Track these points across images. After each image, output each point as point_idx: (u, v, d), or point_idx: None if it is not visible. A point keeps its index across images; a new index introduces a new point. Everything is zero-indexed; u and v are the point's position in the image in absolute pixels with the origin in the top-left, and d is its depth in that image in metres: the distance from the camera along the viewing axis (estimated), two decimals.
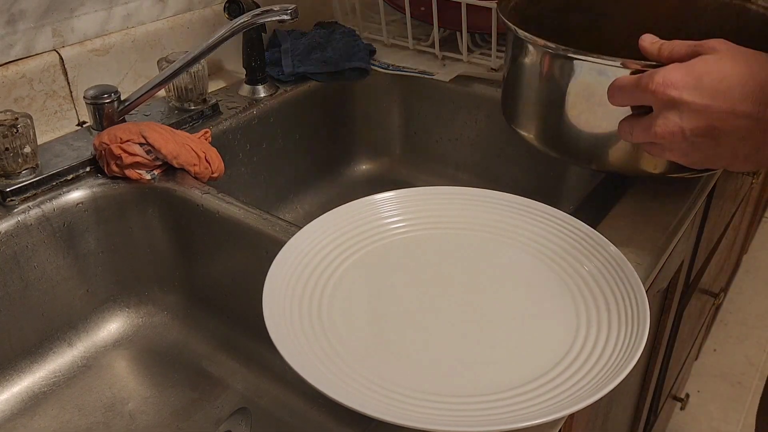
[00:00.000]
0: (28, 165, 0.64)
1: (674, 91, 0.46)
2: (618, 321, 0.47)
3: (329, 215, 0.57)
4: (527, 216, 0.57)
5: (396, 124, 0.97)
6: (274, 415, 0.62)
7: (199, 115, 0.77)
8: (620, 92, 0.51)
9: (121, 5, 0.79)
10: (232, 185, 0.81)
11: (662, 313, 0.87)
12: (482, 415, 0.40)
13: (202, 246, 0.67)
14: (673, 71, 0.47)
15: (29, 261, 0.63)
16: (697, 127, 0.46)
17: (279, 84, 0.86)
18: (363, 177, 0.99)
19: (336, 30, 0.94)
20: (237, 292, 0.67)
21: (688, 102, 0.46)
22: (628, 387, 0.87)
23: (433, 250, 0.55)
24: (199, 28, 0.87)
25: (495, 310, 0.49)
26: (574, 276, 0.52)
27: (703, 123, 0.46)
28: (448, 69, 0.89)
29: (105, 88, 0.70)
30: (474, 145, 0.91)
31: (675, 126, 0.47)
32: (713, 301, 1.24)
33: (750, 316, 1.75)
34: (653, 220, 0.59)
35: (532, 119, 0.65)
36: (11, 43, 0.70)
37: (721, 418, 1.47)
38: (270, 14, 0.68)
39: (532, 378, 0.43)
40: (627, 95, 0.50)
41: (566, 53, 0.57)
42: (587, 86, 0.57)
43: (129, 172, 0.66)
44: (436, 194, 0.60)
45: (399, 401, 0.41)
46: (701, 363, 1.60)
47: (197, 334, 0.70)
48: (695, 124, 0.46)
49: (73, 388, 0.65)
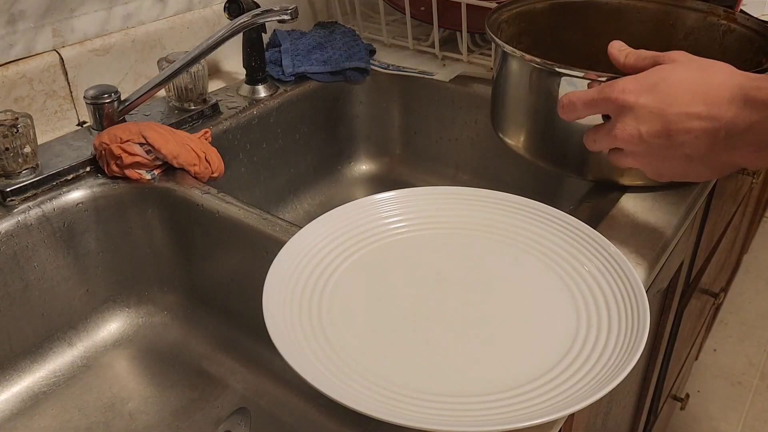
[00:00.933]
0: (28, 165, 0.64)
1: (630, 96, 0.50)
2: (618, 321, 0.47)
3: (329, 215, 0.57)
4: (527, 216, 0.57)
5: (396, 124, 0.97)
6: (273, 415, 0.62)
7: (199, 115, 0.77)
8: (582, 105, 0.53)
9: (121, 5, 0.79)
10: (232, 185, 0.81)
11: (662, 313, 0.87)
12: (482, 415, 0.40)
13: (202, 246, 0.67)
14: (630, 80, 0.51)
15: (29, 261, 0.63)
16: (653, 129, 0.49)
17: (279, 84, 0.86)
18: (363, 177, 0.99)
19: (336, 30, 0.94)
20: (237, 292, 0.67)
21: (642, 105, 0.49)
22: (628, 387, 0.87)
23: (433, 250, 0.55)
24: (199, 28, 0.87)
25: (495, 310, 0.49)
26: (574, 276, 0.52)
27: (658, 125, 0.49)
28: (448, 69, 0.89)
29: (105, 88, 0.70)
30: (474, 145, 0.91)
31: (633, 129, 0.50)
32: (713, 301, 1.24)
33: (750, 316, 1.75)
34: (653, 220, 0.59)
35: (518, 130, 0.67)
36: (11, 43, 0.70)
37: (721, 418, 1.47)
38: (270, 14, 0.68)
39: (532, 378, 0.43)
40: (587, 107, 0.53)
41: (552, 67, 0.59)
42: None
43: (129, 172, 0.66)
44: (436, 194, 0.60)
45: (399, 401, 0.41)
46: (701, 363, 1.60)
47: (197, 334, 0.70)
48: (651, 127, 0.49)
49: (73, 388, 0.65)
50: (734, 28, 0.68)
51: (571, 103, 0.54)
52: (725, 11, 0.69)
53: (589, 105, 0.53)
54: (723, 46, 0.69)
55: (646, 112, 0.49)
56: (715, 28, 0.70)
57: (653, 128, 0.49)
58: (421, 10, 0.91)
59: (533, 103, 0.64)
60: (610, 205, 0.61)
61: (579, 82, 0.58)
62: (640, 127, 0.50)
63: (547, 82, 0.61)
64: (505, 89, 0.67)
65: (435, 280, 0.52)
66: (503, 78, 0.67)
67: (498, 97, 0.69)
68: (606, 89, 0.51)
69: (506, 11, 0.72)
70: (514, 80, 0.65)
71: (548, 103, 0.61)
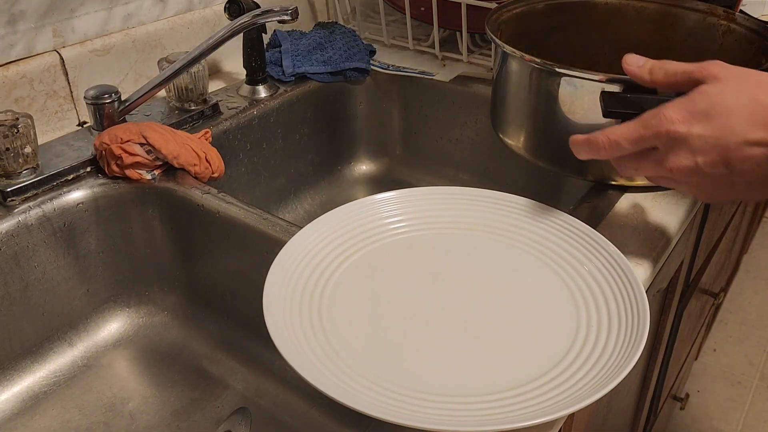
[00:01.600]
0: (29, 165, 0.64)
1: (681, 126, 0.45)
2: (618, 321, 0.47)
3: (329, 215, 0.57)
4: (527, 216, 0.57)
5: (396, 124, 0.97)
6: (274, 415, 0.62)
7: (199, 115, 0.77)
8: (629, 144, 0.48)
9: (121, 5, 0.79)
10: (232, 185, 0.81)
11: (662, 313, 0.87)
12: (482, 415, 0.40)
13: (203, 246, 0.67)
14: (675, 108, 0.46)
15: (30, 261, 0.63)
16: (711, 159, 0.45)
17: (279, 84, 0.86)
18: (363, 177, 0.99)
19: (336, 30, 0.94)
20: (237, 292, 0.67)
21: (698, 135, 0.45)
22: (628, 387, 0.87)
23: (433, 250, 0.55)
24: (199, 28, 0.87)
25: (495, 309, 0.49)
26: (574, 276, 0.52)
27: (716, 155, 0.45)
28: (448, 69, 0.89)
29: (105, 88, 0.70)
30: (474, 145, 0.91)
31: (689, 161, 0.46)
32: (713, 300, 1.24)
33: (750, 316, 1.75)
34: (653, 220, 0.59)
35: (518, 130, 0.67)
36: (12, 43, 0.70)
37: (721, 418, 1.47)
38: (270, 14, 0.69)
39: (532, 378, 0.43)
40: (635, 145, 0.48)
41: (552, 67, 0.59)
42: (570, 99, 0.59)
43: (129, 172, 0.66)
44: (436, 194, 0.60)
45: (399, 401, 0.41)
46: (701, 363, 1.60)
47: (197, 334, 0.70)
48: (709, 157, 0.45)
49: (74, 388, 0.65)
50: (734, 28, 0.68)
51: (616, 144, 0.48)
52: (725, 11, 0.69)
53: (637, 143, 0.47)
54: (723, 47, 0.70)
55: (702, 143, 0.45)
56: (715, 28, 0.70)
57: (711, 159, 0.45)
58: (421, 11, 0.91)
59: (533, 104, 0.64)
60: (610, 205, 0.61)
61: (579, 83, 0.58)
62: (697, 159, 0.45)
63: (547, 82, 0.61)
64: (505, 89, 0.67)
65: (435, 280, 0.52)
66: (503, 78, 0.67)
67: (498, 97, 0.70)
68: (652, 122, 0.46)
69: (506, 11, 0.72)
70: (514, 80, 0.65)
71: (548, 103, 0.61)
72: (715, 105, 0.45)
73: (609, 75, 0.55)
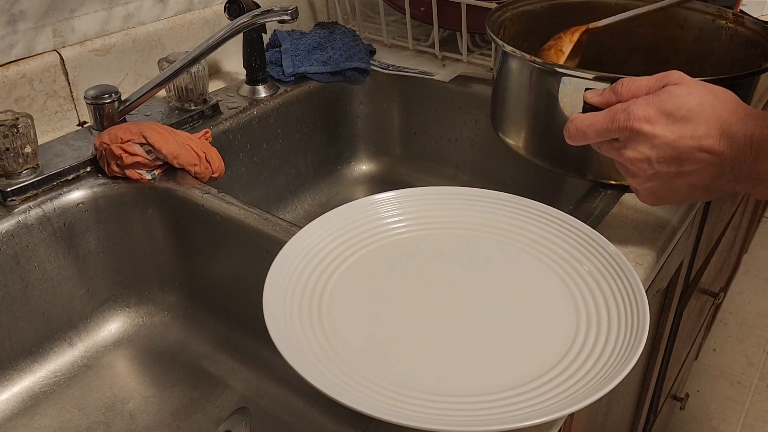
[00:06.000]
0: (29, 165, 0.64)
1: (647, 126, 0.49)
2: (618, 321, 0.47)
3: (329, 215, 0.57)
4: (527, 216, 0.57)
5: (396, 124, 0.97)
6: (274, 415, 0.62)
7: (199, 115, 0.77)
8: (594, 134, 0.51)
9: (121, 5, 0.79)
10: (232, 185, 0.81)
11: (662, 313, 0.87)
12: (482, 415, 0.40)
13: (203, 246, 0.67)
14: (643, 105, 0.49)
15: (30, 261, 0.63)
16: (666, 157, 0.49)
17: (279, 84, 0.86)
18: (363, 177, 0.99)
19: (336, 30, 0.94)
20: (237, 292, 0.67)
21: (660, 136, 0.48)
22: (628, 387, 0.87)
23: (433, 250, 0.55)
24: (199, 28, 0.87)
25: (495, 309, 0.49)
26: (574, 276, 0.52)
27: (671, 154, 0.49)
28: (448, 69, 0.89)
29: (105, 88, 0.70)
30: (474, 145, 0.91)
31: (643, 155, 0.50)
32: (713, 300, 1.24)
33: (750, 316, 1.75)
34: (653, 220, 0.59)
35: (518, 130, 0.68)
36: (12, 43, 0.70)
37: (721, 418, 1.47)
38: (270, 14, 0.68)
39: (532, 378, 0.43)
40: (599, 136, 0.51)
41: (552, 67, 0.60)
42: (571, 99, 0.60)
43: (129, 172, 0.66)
44: (436, 194, 0.60)
45: (399, 401, 0.41)
46: (701, 363, 1.60)
47: (197, 334, 0.70)
48: (662, 153, 0.49)
49: (74, 388, 0.65)
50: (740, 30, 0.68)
51: (581, 133, 0.52)
52: (734, 14, 0.69)
53: (602, 134, 0.51)
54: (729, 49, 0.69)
55: (661, 142, 0.48)
56: (722, 30, 0.70)
57: (666, 155, 0.49)
58: (421, 11, 0.91)
59: (533, 103, 0.64)
60: (610, 205, 0.61)
61: (578, 83, 0.58)
62: (651, 153, 0.49)
63: (548, 82, 0.61)
64: (506, 89, 0.67)
65: (434, 280, 0.52)
66: (503, 78, 0.67)
67: (498, 97, 0.70)
68: (619, 116, 0.50)
69: (506, 11, 0.72)
70: (514, 80, 0.65)
71: (548, 103, 0.61)
72: (680, 107, 0.48)
73: (608, 75, 0.55)
